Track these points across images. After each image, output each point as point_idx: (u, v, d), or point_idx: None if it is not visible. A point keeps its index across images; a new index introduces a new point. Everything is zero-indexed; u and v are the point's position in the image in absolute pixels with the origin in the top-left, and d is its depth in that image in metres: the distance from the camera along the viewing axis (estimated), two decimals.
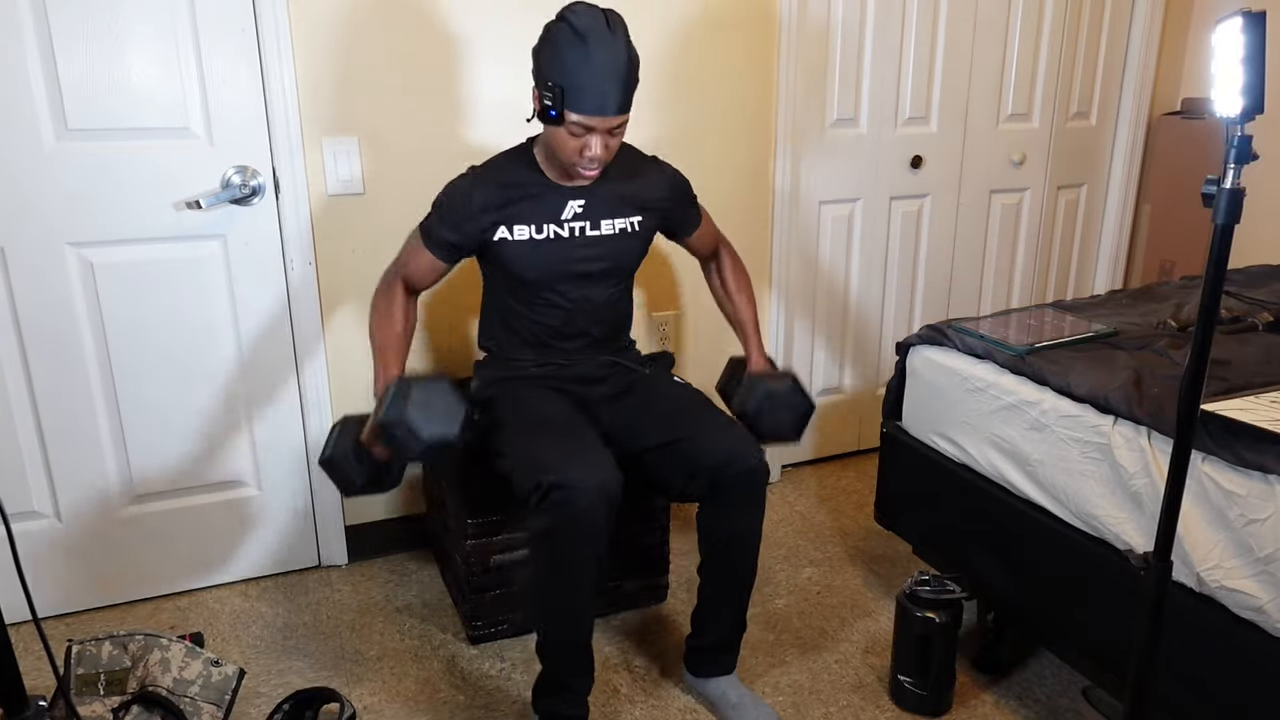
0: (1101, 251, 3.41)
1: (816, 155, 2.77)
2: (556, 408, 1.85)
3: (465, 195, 1.82)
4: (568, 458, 1.64)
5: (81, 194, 2.02)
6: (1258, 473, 1.38)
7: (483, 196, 1.80)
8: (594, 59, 1.61)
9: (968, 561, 1.97)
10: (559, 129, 1.68)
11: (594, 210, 1.85)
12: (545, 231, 1.82)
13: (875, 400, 3.01)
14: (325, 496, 2.41)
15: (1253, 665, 1.41)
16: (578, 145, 1.69)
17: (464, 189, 1.82)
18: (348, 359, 2.36)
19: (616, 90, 1.65)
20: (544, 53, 1.66)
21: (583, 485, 1.58)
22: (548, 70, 1.65)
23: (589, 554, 1.64)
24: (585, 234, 1.85)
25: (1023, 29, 2.96)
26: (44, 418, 2.12)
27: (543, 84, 1.66)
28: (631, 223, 1.89)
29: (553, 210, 1.83)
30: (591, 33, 1.61)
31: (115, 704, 1.66)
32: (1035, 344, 1.88)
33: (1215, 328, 1.20)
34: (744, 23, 2.54)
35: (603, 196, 1.86)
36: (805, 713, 1.92)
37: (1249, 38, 1.08)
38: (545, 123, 1.70)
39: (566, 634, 1.74)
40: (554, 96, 1.63)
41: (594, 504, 1.59)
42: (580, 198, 1.84)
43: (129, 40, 1.98)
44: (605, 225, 1.86)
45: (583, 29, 1.61)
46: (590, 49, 1.61)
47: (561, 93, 1.62)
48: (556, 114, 1.65)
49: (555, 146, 1.72)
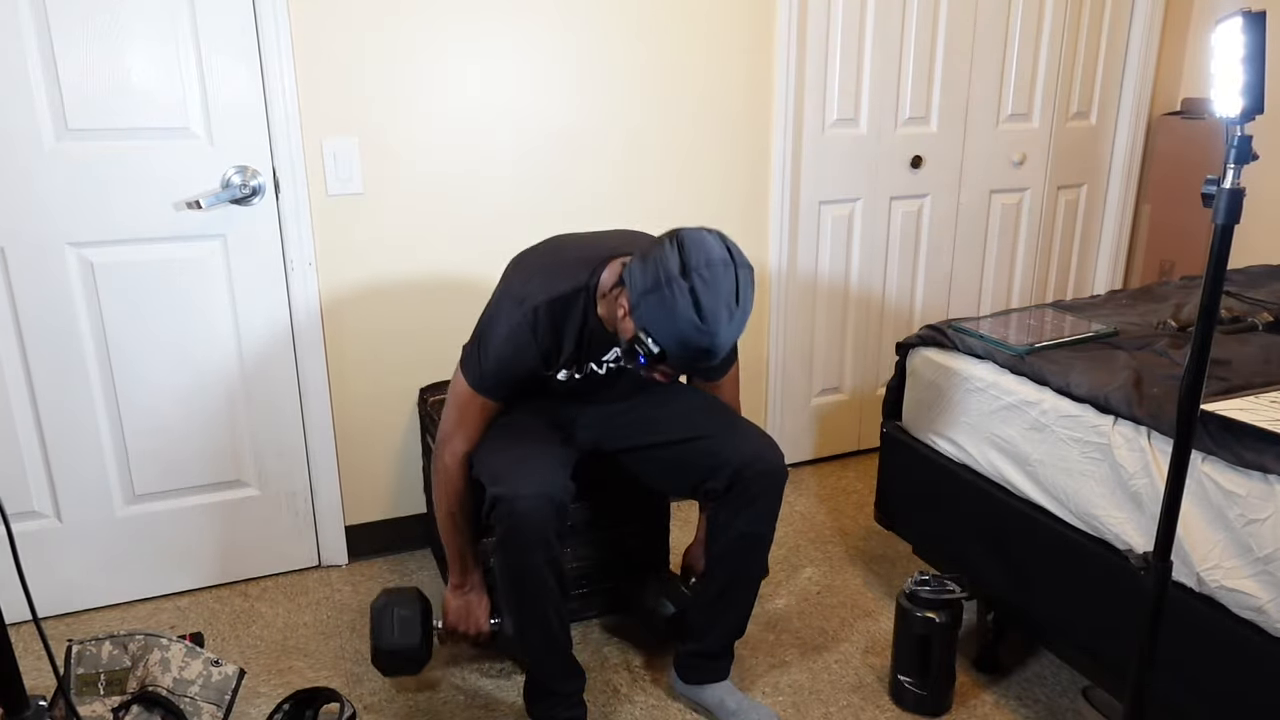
0: (1101, 251, 3.41)
1: (816, 155, 2.77)
2: (530, 418, 1.84)
3: (529, 340, 1.67)
4: (516, 469, 1.66)
5: (81, 194, 2.02)
6: (1258, 473, 1.38)
7: (546, 343, 1.69)
8: (708, 345, 1.48)
9: (968, 561, 1.97)
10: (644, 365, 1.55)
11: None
12: (584, 369, 1.80)
13: (875, 400, 3.02)
14: (325, 496, 2.41)
15: (1253, 665, 1.41)
16: (658, 373, 1.58)
17: (526, 334, 1.66)
18: (348, 359, 2.36)
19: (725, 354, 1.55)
20: (653, 304, 1.47)
21: (526, 494, 1.61)
22: (654, 327, 1.48)
23: (538, 560, 1.66)
24: (620, 366, 1.82)
25: (1023, 29, 2.96)
26: (44, 418, 2.12)
27: (642, 329, 1.49)
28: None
29: (596, 353, 1.76)
30: (715, 319, 1.46)
31: (115, 704, 1.66)
32: (1035, 344, 1.88)
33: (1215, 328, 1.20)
34: (743, 23, 2.54)
35: None
36: (805, 713, 1.92)
37: (1249, 38, 1.08)
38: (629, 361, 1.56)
39: (539, 638, 1.75)
40: (651, 356, 1.50)
41: (536, 511, 1.61)
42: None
43: (129, 40, 1.98)
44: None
45: (708, 311, 1.45)
46: (713, 337, 1.47)
47: (663, 351, 1.49)
48: (646, 362, 1.52)
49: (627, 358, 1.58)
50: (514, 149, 2.38)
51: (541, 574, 1.67)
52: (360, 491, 2.46)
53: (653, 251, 1.51)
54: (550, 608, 1.72)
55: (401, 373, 2.41)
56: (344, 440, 2.41)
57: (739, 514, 1.79)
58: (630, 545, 2.20)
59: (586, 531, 2.14)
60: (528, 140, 2.38)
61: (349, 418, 2.40)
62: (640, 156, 2.52)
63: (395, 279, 2.35)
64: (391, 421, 2.44)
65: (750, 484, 1.76)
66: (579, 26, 2.37)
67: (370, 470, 2.46)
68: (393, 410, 2.44)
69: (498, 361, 1.70)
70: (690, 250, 1.48)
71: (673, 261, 1.47)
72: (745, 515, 1.79)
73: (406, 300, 2.37)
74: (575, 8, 2.35)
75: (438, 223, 2.34)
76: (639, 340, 1.50)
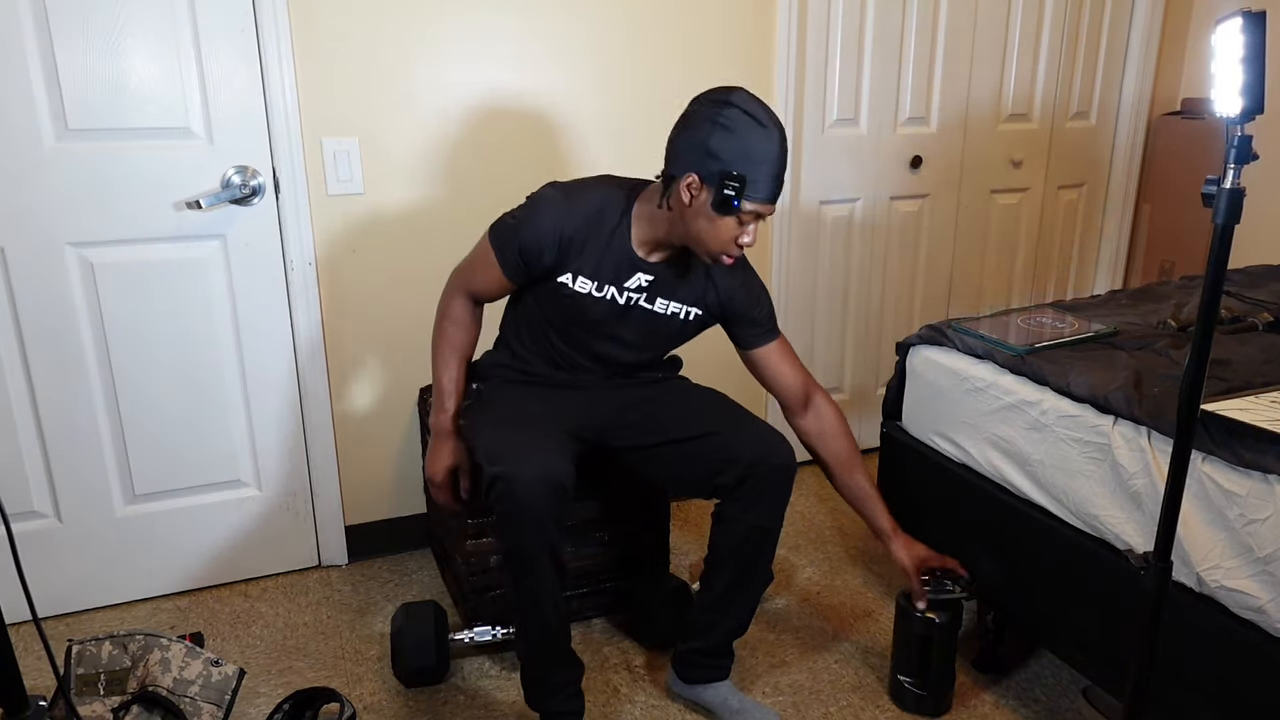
0: (1101, 251, 3.41)
1: (816, 155, 2.77)
2: (530, 402, 1.84)
3: (549, 217, 1.72)
4: (516, 450, 1.64)
5: (81, 194, 2.02)
6: (1258, 473, 1.38)
7: (565, 222, 1.72)
8: (776, 146, 1.58)
9: (968, 561, 1.97)
10: (728, 219, 1.60)
11: (658, 287, 1.79)
12: (605, 291, 1.77)
13: (875, 400, 3.01)
14: (325, 496, 2.41)
15: (1253, 665, 1.41)
16: (737, 234, 1.63)
17: (549, 210, 1.73)
18: (348, 359, 2.36)
19: (783, 171, 1.62)
20: (716, 139, 1.57)
21: (524, 476, 1.59)
22: (729, 159, 1.56)
23: (536, 542, 1.63)
24: (638, 305, 1.80)
25: (1023, 29, 2.96)
26: (44, 418, 2.12)
27: (722, 173, 1.56)
28: (690, 311, 1.83)
29: (621, 274, 1.76)
30: (773, 122, 1.59)
31: (115, 704, 1.66)
32: (1035, 344, 1.88)
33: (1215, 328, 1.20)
34: (743, 23, 2.54)
35: (672, 276, 1.79)
36: (805, 713, 1.92)
37: (1249, 38, 1.08)
38: (720, 214, 1.60)
39: (534, 624, 1.72)
40: (738, 187, 1.56)
41: (535, 494, 1.59)
42: (651, 274, 1.77)
43: (129, 40, 1.98)
44: (660, 304, 1.81)
45: (763, 118, 1.58)
46: (772, 135, 1.58)
47: (743, 182, 1.56)
48: (738, 204, 1.58)
49: (709, 235, 1.63)
50: (514, 149, 2.38)
51: (540, 557, 1.65)
52: (360, 491, 2.46)
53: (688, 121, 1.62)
54: (546, 593, 1.69)
55: (401, 373, 2.41)
56: (344, 440, 2.41)
57: (750, 508, 1.78)
58: (630, 545, 2.20)
59: (587, 531, 2.14)
60: (527, 140, 2.38)
61: (349, 418, 2.40)
62: (640, 156, 2.52)
63: (395, 279, 2.35)
64: (391, 422, 2.44)
65: (762, 478, 1.76)
66: (578, 27, 2.37)
67: (370, 470, 2.46)
68: (393, 410, 2.44)
69: (518, 221, 1.75)
70: (713, 93, 1.62)
71: (709, 107, 1.60)
72: (756, 510, 1.78)
73: (406, 300, 2.37)
74: (574, 8, 2.35)
75: (438, 223, 2.34)
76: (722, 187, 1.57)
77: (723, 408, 1.90)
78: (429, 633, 1.95)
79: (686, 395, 1.95)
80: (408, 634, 1.95)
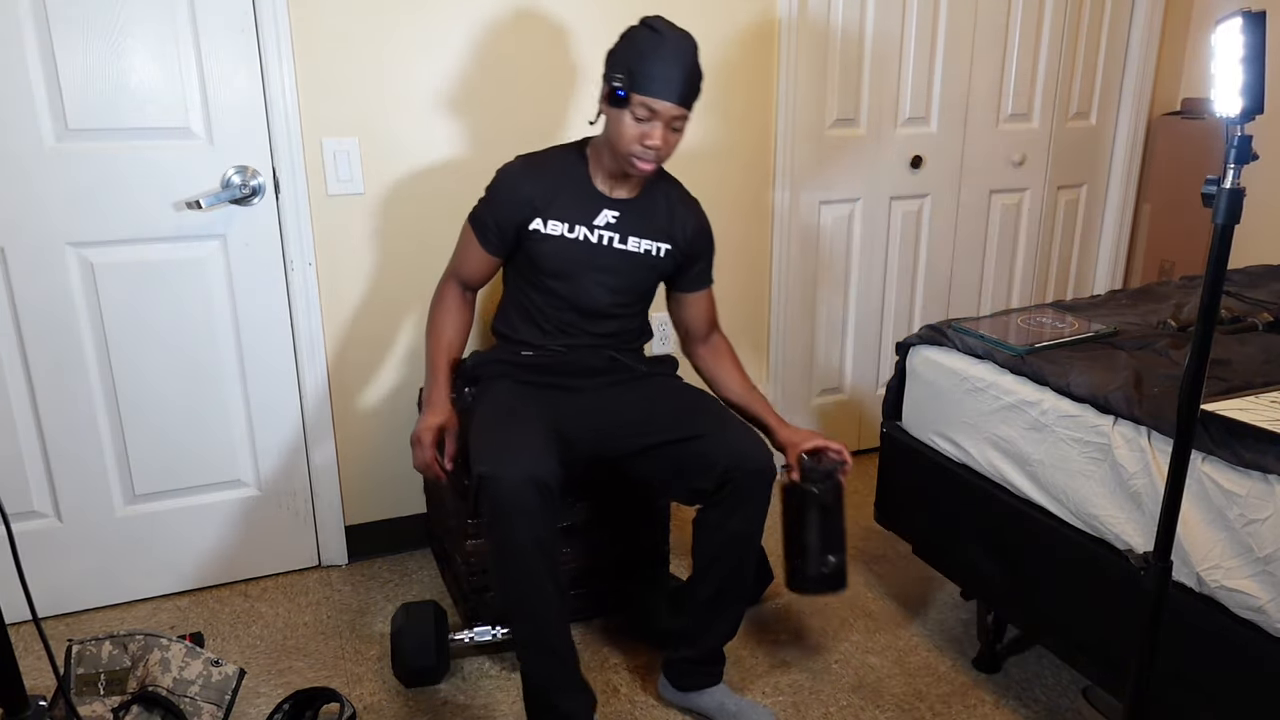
0: (1101, 251, 3.41)
1: (816, 155, 2.77)
2: (518, 403, 1.84)
3: (513, 180, 1.88)
4: (502, 450, 1.65)
5: (81, 194, 2.02)
6: (1258, 473, 1.38)
7: (529, 183, 1.86)
8: (666, 47, 1.71)
9: (968, 561, 1.97)
10: (624, 114, 1.73)
11: (626, 225, 1.89)
12: (577, 232, 1.87)
13: (875, 400, 3.02)
14: (325, 496, 2.41)
15: (1253, 665, 1.41)
16: (640, 132, 1.74)
17: (512, 174, 1.89)
18: (348, 359, 2.36)
19: (682, 80, 1.72)
20: (619, 46, 1.76)
21: (509, 476, 1.59)
22: (621, 57, 1.74)
23: (525, 541, 1.61)
24: (612, 245, 1.89)
25: (1023, 29, 2.96)
26: (44, 417, 2.12)
27: (614, 69, 1.74)
28: (660, 247, 1.92)
29: (588, 213, 1.87)
30: (666, 29, 1.73)
31: (115, 704, 1.66)
32: (1035, 344, 1.88)
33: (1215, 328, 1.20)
34: (743, 23, 2.54)
35: (638, 213, 1.90)
36: (805, 713, 1.92)
37: (1249, 38, 1.08)
38: (612, 106, 1.75)
39: (534, 638, 1.69)
40: (625, 79, 1.71)
41: (520, 493, 1.59)
42: (616, 209, 1.88)
43: (129, 40, 1.98)
44: (633, 242, 1.90)
45: (659, 27, 1.73)
46: (664, 39, 1.72)
47: (631, 75, 1.71)
48: (624, 94, 1.71)
49: (617, 136, 1.76)
50: (513, 149, 2.37)
51: (531, 558, 1.62)
52: (360, 491, 2.46)
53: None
54: (544, 601, 1.65)
55: (401, 373, 2.41)
56: (344, 440, 2.41)
57: (730, 515, 1.78)
58: (630, 545, 2.20)
59: (586, 531, 2.14)
60: (526, 140, 2.38)
61: (349, 418, 2.40)
62: None
63: (395, 279, 2.35)
64: (391, 422, 2.44)
65: (739, 484, 1.75)
66: (577, 28, 2.37)
67: (370, 470, 2.46)
68: (393, 410, 2.44)
69: (488, 193, 1.90)
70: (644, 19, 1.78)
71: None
72: (735, 517, 1.78)
73: (406, 300, 2.37)
74: (574, 8, 2.35)
75: (438, 223, 2.34)
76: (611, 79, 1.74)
77: (706, 410, 1.89)
78: (429, 633, 1.95)
79: (673, 395, 1.95)
80: (408, 634, 1.95)
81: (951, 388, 1.97)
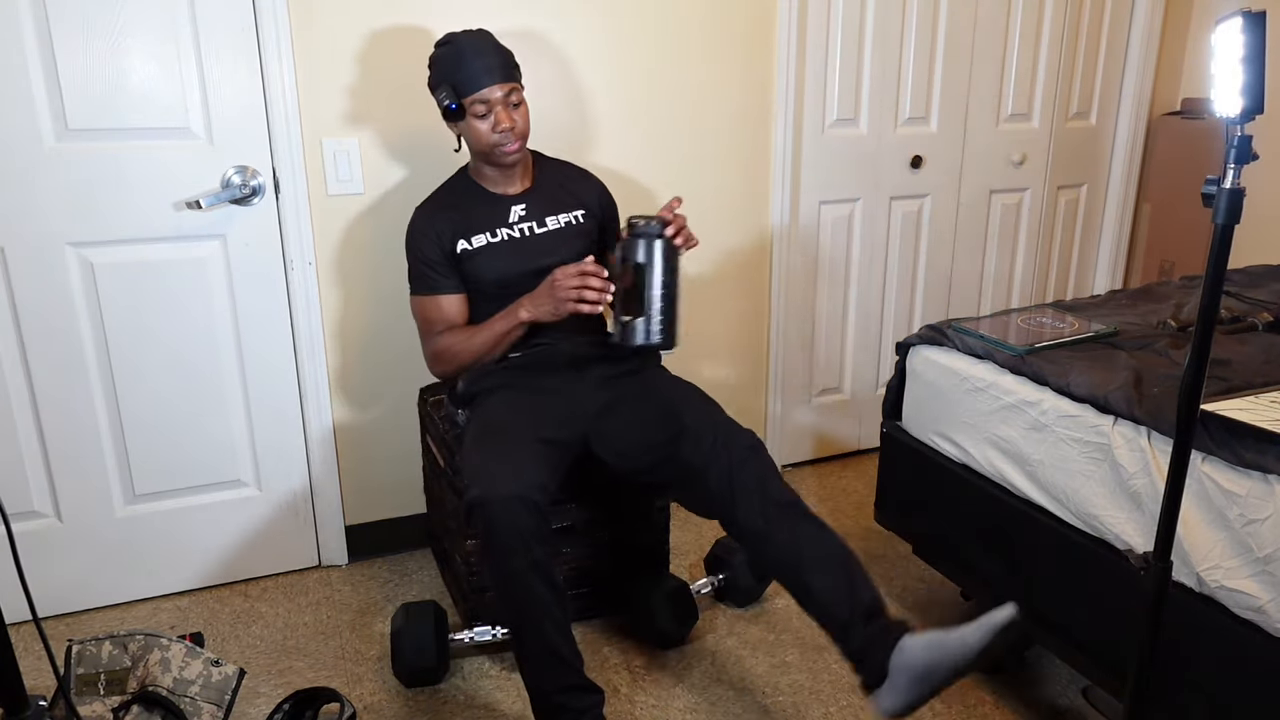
0: (1101, 251, 3.41)
1: (816, 155, 2.77)
2: (512, 415, 1.82)
3: (425, 223, 1.99)
4: (488, 472, 1.64)
5: (81, 194, 2.02)
6: (1258, 473, 1.38)
7: (437, 221, 1.97)
8: (465, 48, 1.86)
9: (967, 561, 1.97)
10: (468, 121, 1.88)
11: (536, 210, 2.00)
12: (499, 235, 1.97)
13: (875, 400, 3.01)
14: (325, 496, 2.41)
15: (1253, 665, 1.41)
16: (488, 125, 1.87)
17: (421, 220, 2.00)
18: (348, 359, 2.36)
19: (493, 64, 1.86)
20: (431, 72, 1.92)
21: (497, 497, 1.59)
22: (437, 79, 1.89)
23: (520, 564, 1.61)
24: (535, 232, 1.99)
25: (1023, 29, 2.96)
26: (44, 417, 2.12)
27: (438, 92, 1.89)
28: (575, 216, 2.03)
29: (499, 216, 1.98)
30: (457, 36, 1.89)
31: (115, 704, 1.66)
32: (1035, 344, 1.88)
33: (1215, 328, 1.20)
34: (743, 23, 2.54)
35: (542, 197, 2.02)
36: (805, 713, 1.92)
37: (1249, 38, 1.08)
38: (455, 122, 1.91)
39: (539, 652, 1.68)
40: (449, 93, 1.86)
41: (508, 514, 1.58)
42: (521, 202, 2.00)
43: (129, 40, 1.98)
44: (550, 221, 2.01)
45: (450, 38, 1.90)
46: (459, 43, 1.87)
47: (453, 87, 1.86)
48: (457, 106, 1.86)
49: (474, 141, 1.91)
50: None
51: (526, 579, 1.62)
52: (360, 491, 2.46)
53: None
54: (543, 616, 1.64)
55: (402, 373, 2.41)
56: (344, 440, 2.41)
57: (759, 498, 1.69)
58: (630, 545, 2.20)
59: (587, 531, 2.14)
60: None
61: (349, 417, 2.40)
62: (639, 157, 2.52)
63: (395, 279, 2.34)
64: (391, 422, 2.44)
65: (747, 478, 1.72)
66: (577, 28, 2.37)
67: (370, 470, 2.46)
68: (393, 410, 2.44)
69: (413, 245, 1.99)
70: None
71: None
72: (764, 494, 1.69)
73: (406, 300, 2.36)
74: (573, 10, 2.35)
75: None
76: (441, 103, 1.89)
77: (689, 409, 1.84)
78: (429, 633, 1.96)
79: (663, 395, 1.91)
80: (408, 634, 1.95)
81: (951, 388, 1.97)
